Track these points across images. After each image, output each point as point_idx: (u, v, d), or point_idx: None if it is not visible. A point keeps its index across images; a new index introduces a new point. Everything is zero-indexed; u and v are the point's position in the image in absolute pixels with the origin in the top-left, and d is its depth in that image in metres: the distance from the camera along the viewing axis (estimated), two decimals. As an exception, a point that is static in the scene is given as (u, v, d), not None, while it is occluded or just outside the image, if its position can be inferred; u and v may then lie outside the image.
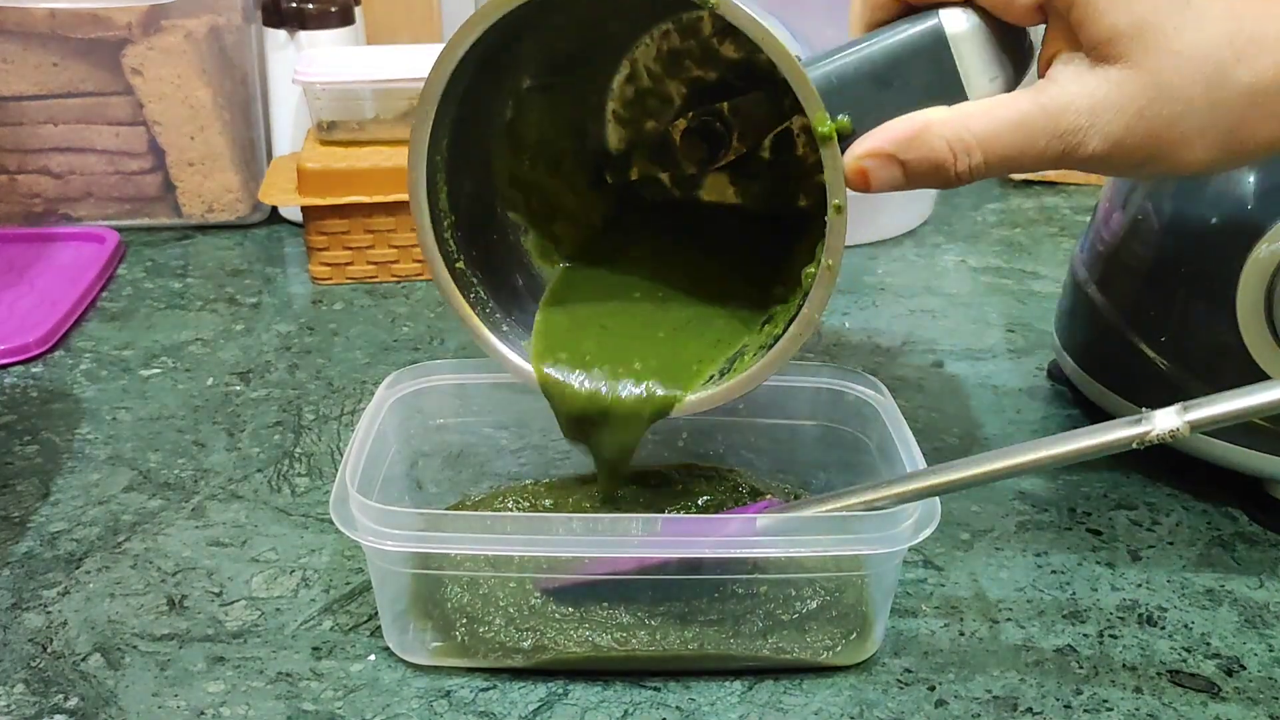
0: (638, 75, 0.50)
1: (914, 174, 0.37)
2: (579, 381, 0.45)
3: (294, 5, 0.82)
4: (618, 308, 0.48)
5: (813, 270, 0.40)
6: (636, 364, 0.45)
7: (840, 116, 0.37)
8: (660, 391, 0.44)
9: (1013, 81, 0.39)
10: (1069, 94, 0.35)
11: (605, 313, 0.48)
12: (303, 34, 0.83)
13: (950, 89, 0.37)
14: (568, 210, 0.50)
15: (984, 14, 0.37)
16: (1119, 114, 0.35)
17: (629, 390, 0.44)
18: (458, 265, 0.44)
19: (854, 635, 0.43)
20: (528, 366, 0.45)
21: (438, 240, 0.43)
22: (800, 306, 0.40)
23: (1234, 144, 0.35)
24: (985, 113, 0.36)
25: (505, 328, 0.46)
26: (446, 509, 0.51)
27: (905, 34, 0.38)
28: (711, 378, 0.45)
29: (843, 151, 0.37)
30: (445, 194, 0.44)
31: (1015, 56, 0.39)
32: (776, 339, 0.42)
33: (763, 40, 0.37)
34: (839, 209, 0.38)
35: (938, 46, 0.37)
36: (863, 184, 0.37)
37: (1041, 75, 0.37)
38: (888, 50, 0.38)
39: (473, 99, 0.43)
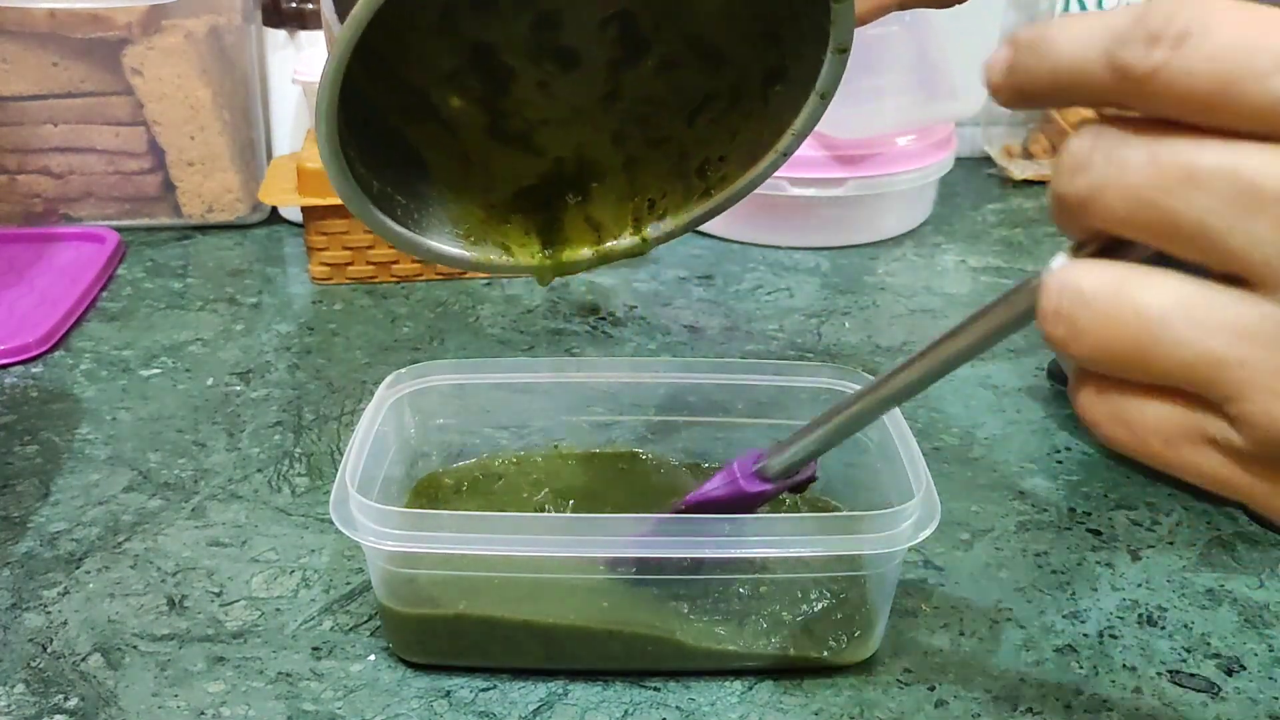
0: None
1: None
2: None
3: (294, 5, 0.82)
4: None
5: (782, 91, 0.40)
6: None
7: None
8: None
9: None
10: None
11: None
12: (303, 34, 0.83)
13: None
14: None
15: None
16: None
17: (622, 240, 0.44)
18: (375, 188, 0.39)
19: (854, 635, 0.43)
20: (498, 256, 0.43)
21: (352, 172, 0.37)
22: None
23: None
24: None
25: (417, 215, 0.42)
26: (418, 481, 0.51)
27: None
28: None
29: None
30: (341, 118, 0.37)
31: None
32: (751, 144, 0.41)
33: None
34: (842, 50, 0.37)
35: None
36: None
37: None
38: None
39: None
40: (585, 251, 0.45)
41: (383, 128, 0.42)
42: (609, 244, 0.45)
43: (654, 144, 0.44)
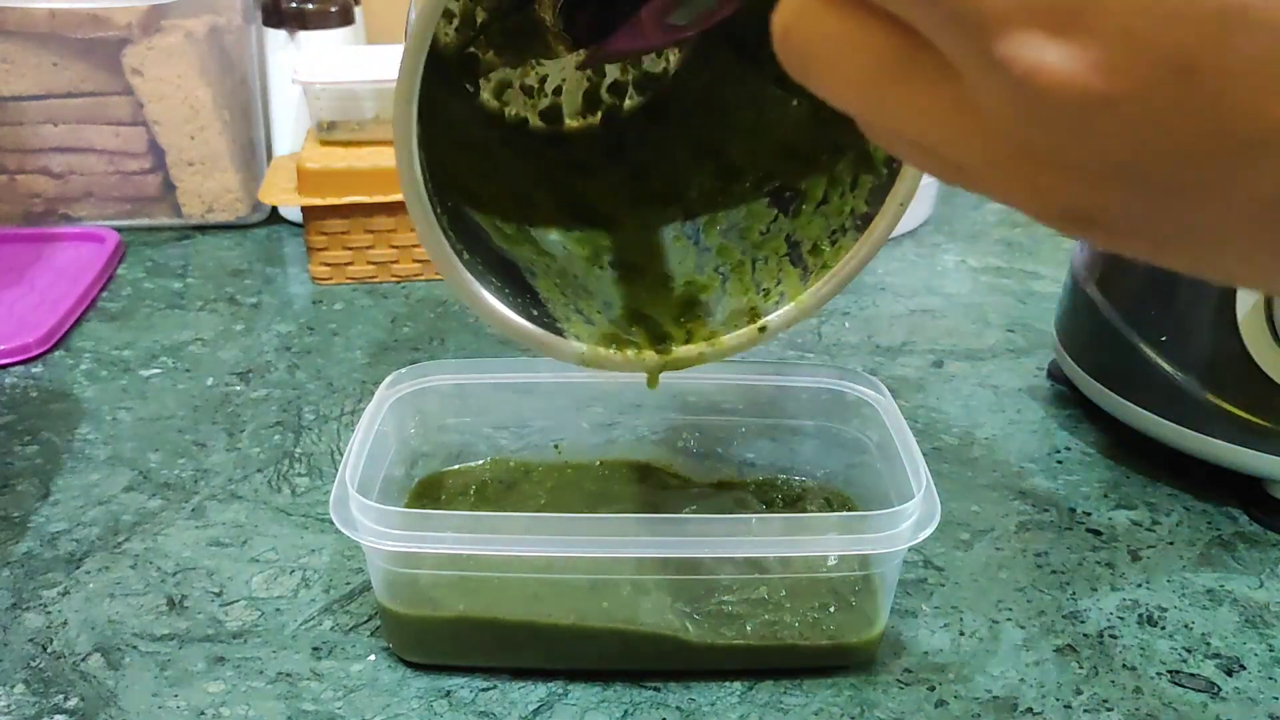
0: None
1: None
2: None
3: (294, 5, 0.82)
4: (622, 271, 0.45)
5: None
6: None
7: None
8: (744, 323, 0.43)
9: None
10: None
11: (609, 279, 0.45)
12: (303, 34, 0.83)
13: None
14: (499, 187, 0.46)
15: None
16: None
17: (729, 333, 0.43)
18: (465, 258, 0.39)
19: (855, 635, 0.43)
20: (580, 346, 0.41)
21: (445, 237, 0.38)
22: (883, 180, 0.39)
23: None
24: None
25: (535, 311, 0.41)
26: (419, 481, 0.51)
27: None
28: (768, 293, 0.42)
29: None
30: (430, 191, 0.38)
31: None
32: (860, 216, 0.40)
33: None
34: None
35: None
36: None
37: None
38: None
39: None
40: (699, 348, 0.42)
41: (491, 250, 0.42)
42: (725, 337, 0.42)
43: (759, 245, 0.44)
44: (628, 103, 0.48)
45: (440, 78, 0.41)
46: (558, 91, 0.47)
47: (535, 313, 0.41)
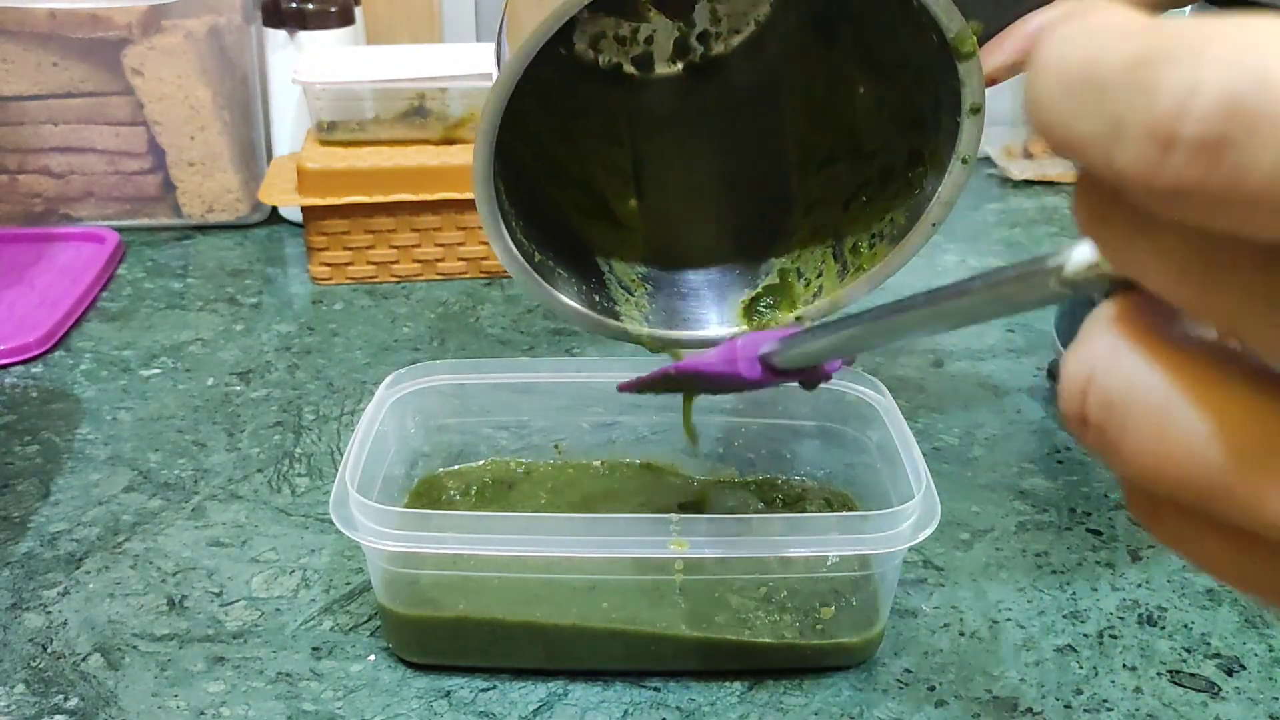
0: None
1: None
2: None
3: (294, 5, 0.82)
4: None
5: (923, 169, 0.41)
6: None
7: (972, 22, 0.38)
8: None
9: None
10: None
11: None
12: (303, 34, 0.83)
13: None
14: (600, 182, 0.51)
15: None
16: None
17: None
18: (536, 259, 0.43)
19: (855, 635, 0.43)
20: (644, 330, 0.45)
21: (513, 241, 0.42)
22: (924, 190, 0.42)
23: None
24: None
25: (602, 305, 0.45)
26: (419, 481, 0.51)
27: None
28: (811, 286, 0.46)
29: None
30: (504, 190, 0.42)
31: None
32: (898, 228, 0.43)
33: None
34: (976, 110, 0.39)
35: None
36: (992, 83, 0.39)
37: None
38: None
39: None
40: (742, 327, 0.47)
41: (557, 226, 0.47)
42: (767, 324, 0.46)
43: (812, 234, 0.47)
44: (716, 48, 0.52)
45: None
46: (649, 40, 0.51)
47: (598, 298, 0.45)
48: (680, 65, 0.52)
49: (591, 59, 0.51)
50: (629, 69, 0.51)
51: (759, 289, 0.47)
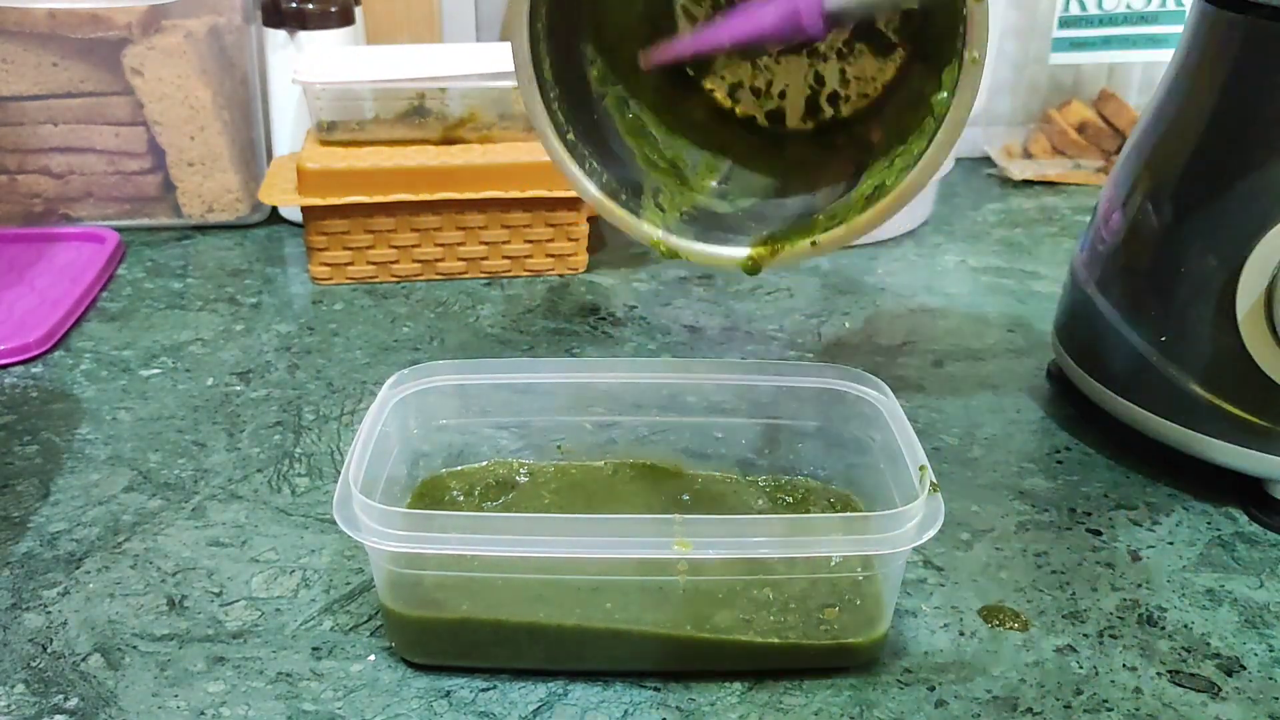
0: None
1: None
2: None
3: (294, 5, 0.82)
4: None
5: (952, 75, 0.42)
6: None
7: None
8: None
9: None
10: None
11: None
12: (303, 34, 0.83)
13: None
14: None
15: None
16: None
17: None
18: (569, 137, 0.43)
19: (857, 635, 0.43)
20: (658, 232, 0.47)
21: (547, 110, 0.42)
22: (939, 118, 0.43)
23: None
24: None
25: (624, 197, 0.46)
26: (421, 481, 0.51)
27: None
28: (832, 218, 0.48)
29: None
30: (549, 64, 0.43)
31: None
32: (918, 156, 0.44)
33: None
34: (975, 62, 0.41)
35: None
36: None
37: None
38: None
39: None
40: (761, 250, 0.49)
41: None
42: (784, 246, 0.49)
43: (835, 149, 0.50)
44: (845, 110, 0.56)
45: None
46: (783, 96, 0.55)
47: (624, 196, 0.46)
48: (810, 124, 0.55)
49: (729, 108, 0.55)
50: (762, 122, 0.56)
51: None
